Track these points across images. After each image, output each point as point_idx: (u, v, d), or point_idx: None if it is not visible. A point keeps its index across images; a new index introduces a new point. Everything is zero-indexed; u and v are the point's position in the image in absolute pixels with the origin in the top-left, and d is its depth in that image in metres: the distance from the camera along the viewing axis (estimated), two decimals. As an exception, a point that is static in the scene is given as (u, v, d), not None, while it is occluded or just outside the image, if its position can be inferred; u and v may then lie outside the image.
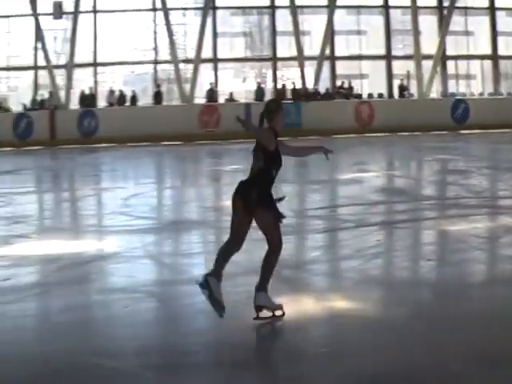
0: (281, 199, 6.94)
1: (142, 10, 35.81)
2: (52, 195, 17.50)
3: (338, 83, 34.90)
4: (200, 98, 34.15)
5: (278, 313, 6.76)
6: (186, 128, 30.62)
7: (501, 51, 36.79)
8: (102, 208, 14.55)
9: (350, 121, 31.73)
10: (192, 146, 29.17)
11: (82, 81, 35.99)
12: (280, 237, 6.95)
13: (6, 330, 6.90)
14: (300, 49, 34.49)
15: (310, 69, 34.84)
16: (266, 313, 6.69)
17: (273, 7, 35.75)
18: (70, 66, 34.64)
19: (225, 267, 6.77)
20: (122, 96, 33.71)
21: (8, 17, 36.11)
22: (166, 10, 34.41)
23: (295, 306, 7.04)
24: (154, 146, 29.60)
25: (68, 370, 5.71)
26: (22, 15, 35.52)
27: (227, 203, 13.93)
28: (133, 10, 35.76)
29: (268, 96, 33.98)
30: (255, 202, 6.75)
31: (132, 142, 29.50)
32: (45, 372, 5.72)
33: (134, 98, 33.58)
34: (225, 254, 6.87)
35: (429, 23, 36.02)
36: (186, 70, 34.94)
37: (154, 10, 35.40)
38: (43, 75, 35.08)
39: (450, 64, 36.64)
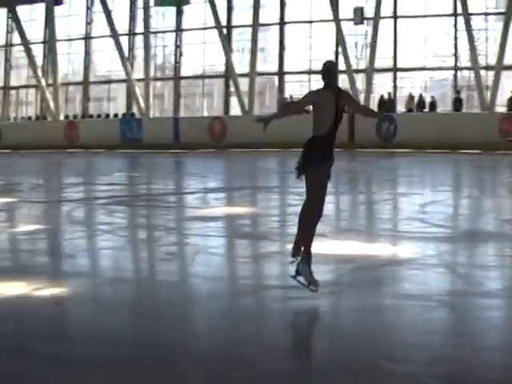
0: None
1: (443, 15, 35.52)
2: (349, 197, 17.83)
3: None
4: (501, 106, 33.28)
5: (312, 288, 7.34)
6: (485, 137, 29.89)
7: None
8: (398, 213, 14.59)
9: None
10: (491, 156, 28.41)
11: (381, 85, 36.38)
12: (322, 201, 7.50)
13: (270, 323, 7.07)
14: None
15: None
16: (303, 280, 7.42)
17: None
18: (370, 71, 35.12)
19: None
20: (422, 102, 33.65)
21: (311, 22, 37.37)
22: (467, 15, 33.85)
23: None
24: (451, 153, 29.24)
25: (354, 371, 5.75)
26: (324, 20, 36.61)
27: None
28: (433, 16, 35.59)
29: None
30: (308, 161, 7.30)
31: (429, 149, 29.30)
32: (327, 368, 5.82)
33: (433, 104, 33.42)
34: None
35: None
36: (487, 76, 34.18)
37: (455, 15, 34.99)
38: (343, 79, 35.86)
39: None
